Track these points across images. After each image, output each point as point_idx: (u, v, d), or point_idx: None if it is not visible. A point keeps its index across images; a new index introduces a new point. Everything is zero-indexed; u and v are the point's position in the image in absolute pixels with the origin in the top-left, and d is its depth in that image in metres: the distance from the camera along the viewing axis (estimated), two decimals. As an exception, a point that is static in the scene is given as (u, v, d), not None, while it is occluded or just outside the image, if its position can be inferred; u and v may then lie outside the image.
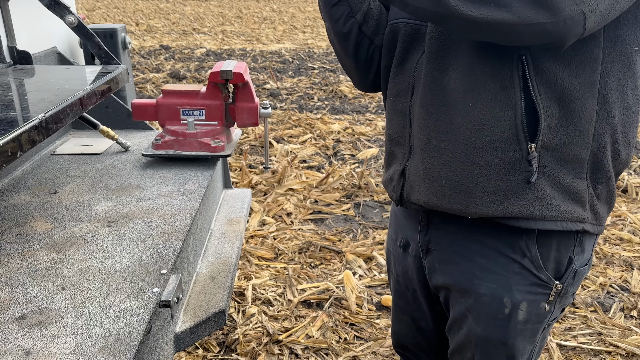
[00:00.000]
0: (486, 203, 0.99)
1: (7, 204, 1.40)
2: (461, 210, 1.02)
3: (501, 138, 0.96)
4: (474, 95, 0.96)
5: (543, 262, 1.03)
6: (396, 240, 1.26)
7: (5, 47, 1.59)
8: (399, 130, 1.10)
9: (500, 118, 0.95)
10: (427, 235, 1.13)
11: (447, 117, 1.00)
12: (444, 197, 1.03)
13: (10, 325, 0.93)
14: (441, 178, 1.02)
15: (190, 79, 6.91)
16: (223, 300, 1.36)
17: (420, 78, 1.03)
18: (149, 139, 1.90)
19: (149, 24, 12.38)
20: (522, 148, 0.95)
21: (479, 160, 0.98)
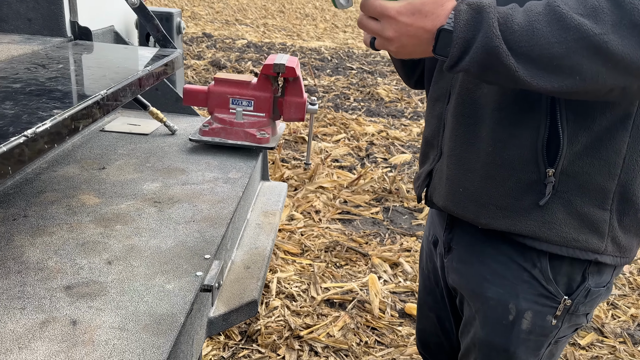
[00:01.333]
0: (497, 217, 1.02)
1: (57, 175, 1.43)
2: (472, 219, 1.06)
3: (521, 158, 0.98)
4: (501, 113, 0.98)
5: (553, 275, 1.03)
6: (429, 236, 1.31)
7: (67, 22, 1.63)
8: (434, 133, 1.15)
9: (522, 138, 0.97)
10: (451, 234, 1.17)
11: (474, 130, 1.03)
12: (459, 204, 1.07)
13: (58, 293, 0.95)
14: (459, 186, 1.06)
15: (230, 68, 6.98)
16: (256, 291, 1.36)
17: (456, 86, 1.06)
18: (194, 124, 1.92)
19: (193, 11, 12.55)
20: (540, 171, 0.96)
21: (496, 176, 1.01)
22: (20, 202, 1.27)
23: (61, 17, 1.61)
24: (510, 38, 0.80)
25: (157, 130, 1.80)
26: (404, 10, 0.85)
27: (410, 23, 0.85)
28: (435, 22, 0.84)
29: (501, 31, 0.80)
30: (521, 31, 0.79)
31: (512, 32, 0.79)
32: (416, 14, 0.84)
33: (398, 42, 0.87)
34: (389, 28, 0.86)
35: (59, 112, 0.93)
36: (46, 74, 1.20)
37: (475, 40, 0.81)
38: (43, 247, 1.09)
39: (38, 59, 1.33)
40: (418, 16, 0.84)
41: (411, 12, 0.84)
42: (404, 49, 0.88)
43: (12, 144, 0.79)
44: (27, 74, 1.18)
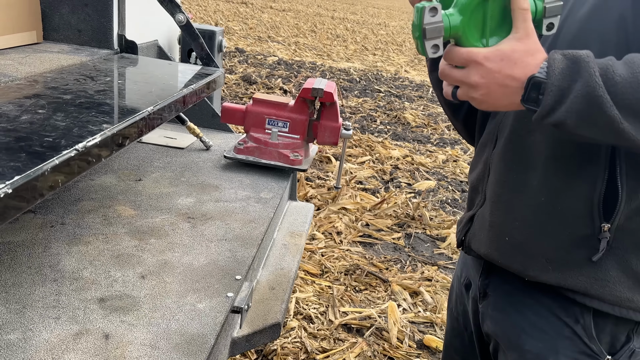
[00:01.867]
0: (545, 270, 0.98)
1: (95, 184, 1.46)
2: (519, 270, 1.02)
3: (575, 210, 0.95)
4: (556, 162, 0.95)
5: (597, 332, 0.99)
6: (460, 277, 1.27)
7: (115, 35, 1.67)
8: (479, 178, 1.12)
9: (577, 190, 0.94)
10: (487, 279, 1.13)
11: (523, 177, 1.00)
12: (504, 253, 1.03)
13: (92, 305, 0.96)
14: (505, 234, 1.03)
15: (260, 84, 7.07)
16: (280, 313, 1.36)
17: (505, 131, 1.04)
18: (228, 140, 1.94)
19: (227, 26, 12.80)
20: (595, 225, 0.93)
21: (547, 227, 0.97)
22: (59, 209, 1.29)
23: (110, 30, 1.66)
24: (612, 90, 0.76)
25: (193, 145, 1.83)
26: (492, 56, 0.81)
27: (498, 70, 0.80)
28: (526, 71, 0.80)
29: (603, 82, 0.77)
30: (624, 83, 0.76)
31: (614, 83, 0.76)
32: (505, 60, 0.80)
33: (484, 88, 0.82)
34: (475, 74, 0.82)
35: (108, 127, 0.95)
36: (94, 86, 1.23)
37: (572, 89, 0.78)
38: (79, 256, 1.11)
39: (87, 71, 1.37)
40: (507, 63, 0.80)
41: (500, 59, 0.80)
42: (489, 97, 0.83)
43: (64, 157, 0.81)
44: (77, 85, 1.21)
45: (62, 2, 1.59)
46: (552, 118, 0.80)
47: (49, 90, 1.14)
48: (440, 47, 0.80)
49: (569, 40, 0.92)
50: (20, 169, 0.74)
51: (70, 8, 1.60)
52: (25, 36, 1.51)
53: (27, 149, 0.81)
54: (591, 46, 0.88)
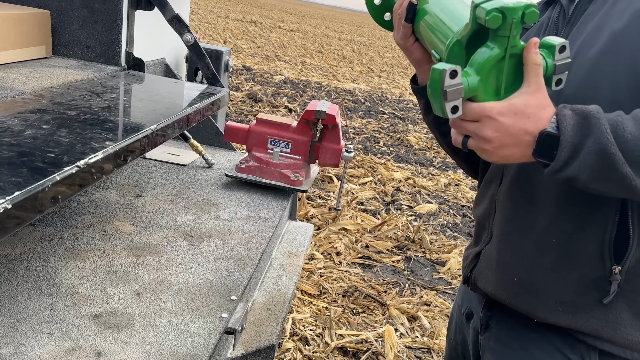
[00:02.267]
0: (555, 311, 0.97)
1: (95, 199, 1.47)
2: (528, 311, 1.01)
3: (586, 252, 0.94)
4: (566, 203, 0.95)
5: None
6: (461, 307, 1.26)
7: (123, 52, 1.70)
8: (485, 214, 1.12)
9: (589, 232, 0.93)
10: (490, 311, 1.12)
11: (532, 216, 0.99)
12: (512, 293, 1.02)
13: (86, 321, 0.96)
14: (513, 274, 1.02)
15: (266, 102, 7.13)
16: (275, 335, 1.35)
17: (511, 168, 1.03)
18: (230, 159, 1.95)
19: (236, 44, 12.95)
20: (606, 268, 0.93)
21: (557, 268, 0.96)
22: (58, 223, 1.30)
23: (118, 47, 1.68)
24: (623, 147, 0.78)
25: (195, 162, 1.84)
26: (505, 111, 0.81)
27: (512, 124, 0.81)
28: (538, 125, 0.81)
29: (614, 138, 0.78)
30: (635, 140, 0.77)
31: (625, 140, 0.77)
32: (518, 114, 0.81)
33: (496, 142, 0.82)
34: (489, 128, 0.82)
35: (111, 144, 0.97)
36: (100, 102, 1.25)
37: (584, 145, 0.79)
38: (76, 271, 1.11)
39: (93, 87, 1.38)
40: (520, 117, 0.81)
41: (513, 113, 0.81)
42: (501, 150, 0.83)
43: (65, 174, 0.82)
44: (82, 101, 1.23)
45: (73, 19, 1.62)
46: (565, 173, 0.81)
47: (54, 105, 1.15)
48: (459, 108, 0.81)
49: (578, 81, 0.92)
50: (21, 184, 0.75)
51: (81, 24, 1.63)
52: (34, 50, 1.54)
53: (29, 164, 0.82)
54: (602, 87, 0.89)
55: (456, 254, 3.76)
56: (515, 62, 0.82)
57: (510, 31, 0.79)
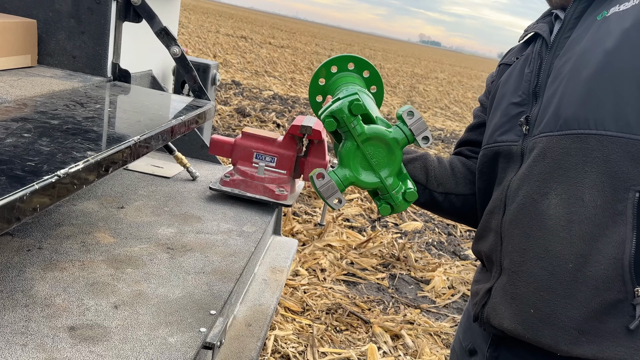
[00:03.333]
0: (579, 342, 0.93)
1: (76, 209, 1.45)
2: (550, 345, 0.95)
3: (605, 276, 0.91)
4: (580, 226, 0.92)
5: None
6: (463, 342, 1.23)
7: (109, 63, 1.70)
8: (491, 248, 1.09)
9: (606, 254, 0.90)
10: (497, 351, 1.09)
11: (543, 243, 0.96)
12: (530, 327, 0.97)
13: (62, 333, 0.94)
14: (530, 307, 0.97)
15: (254, 117, 7.14)
16: (255, 351, 1.33)
17: (515, 197, 1.02)
18: (215, 172, 1.95)
19: (225, 59, 13.00)
20: (628, 290, 0.90)
21: (577, 295, 0.92)
22: (37, 233, 1.28)
23: (104, 58, 1.68)
24: None
25: (179, 175, 1.83)
26: None
27: None
28: None
29: None
30: None
31: None
32: None
33: None
34: None
35: (92, 155, 0.96)
36: (83, 112, 1.24)
37: None
38: (53, 282, 1.09)
39: (77, 97, 1.38)
40: None
41: None
42: None
43: (45, 183, 0.81)
44: (66, 110, 1.22)
45: (60, 28, 1.62)
46: None
47: (37, 114, 1.15)
48: (342, 199, 0.92)
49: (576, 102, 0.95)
50: (-1, 192, 0.74)
51: (67, 34, 1.63)
52: (19, 59, 1.53)
53: (8, 173, 0.81)
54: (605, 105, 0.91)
55: (440, 272, 3.77)
56: (373, 144, 0.91)
57: (348, 125, 0.89)
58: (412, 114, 0.91)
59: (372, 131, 0.90)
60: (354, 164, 0.92)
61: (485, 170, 1.16)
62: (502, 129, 1.12)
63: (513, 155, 1.07)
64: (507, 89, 1.15)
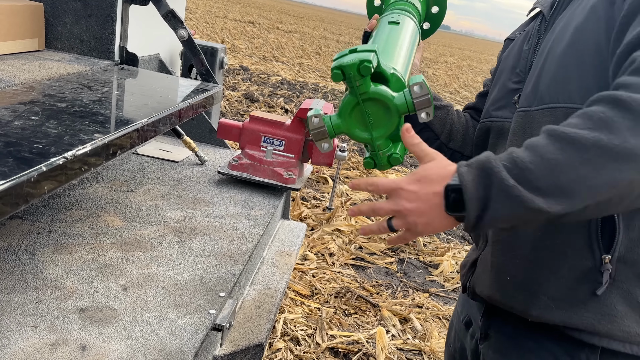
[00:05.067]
0: (549, 308, 0.96)
1: (85, 193, 1.45)
2: (522, 310, 1.00)
3: (574, 244, 0.93)
4: None
5: None
6: (460, 314, 1.25)
7: (116, 46, 1.69)
8: None
9: (575, 224, 0.93)
10: (489, 320, 1.11)
11: None
12: (506, 293, 1.02)
13: (72, 315, 0.95)
14: (506, 274, 1.01)
15: (262, 102, 7.12)
16: (264, 333, 1.34)
17: None
18: (224, 156, 1.94)
19: (233, 44, 12.93)
20: (596, 258, 0.91)
21: (547, 263, 0.96)
22: (47, 216, 1.29)
23: (111, 41, 1.67)
24: (530, 178, 0.76)
25: (188, 159, 1.83)
26: (409, 180, 0.86)
27: (419, 189, 0.84)
28: (443, 184, 0.83)
29: (515, 177, 0.77)
30: (538, 168, 0.76)
31: (529, 171, 0.76)
32: (422, 180, 0.84)
33: (415, 210, 0.84)
34: (401, 199, 0.85)
35: (100, 137, 0.96)
36: (91, 96, 1.24)
37: (490, 197, 0.78)
38: (63, 265, 1.10)
39: (85, 80, 1.37)
40: (424, 182, 0.84)
41: (417, 180, 0.85)
42: (422, 218, 0.84)
43: (52, 165, 0.81)
44: (73, 94, 1.22)
45: (66, 12, 1.61)
46: (482, 225, 0.80)
47: (44, 97, 1.14)
48: (330, 144, 0.97)
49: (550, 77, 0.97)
50: (7, 174, 0.74)
51: (74, 18, 1.62)
52: (27, 43, 1.53)
53: (16, 155, 0.81)
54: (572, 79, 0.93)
55: (449, 257, 3.76)
56: (374, 103, 0.91)
57: (353, 82, 0.88)
58: (420, 88, 0.90)
59: (375, 92, 0.90)
60: (351, 117, 0.93)
61: (480, 144, 1.18)
62: (498, 104, 1.13)
63: (504, 132, 1.08)
64: (506, 65, 1.15)
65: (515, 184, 0.76)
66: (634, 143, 0.73)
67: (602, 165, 0.74)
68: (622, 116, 0.74)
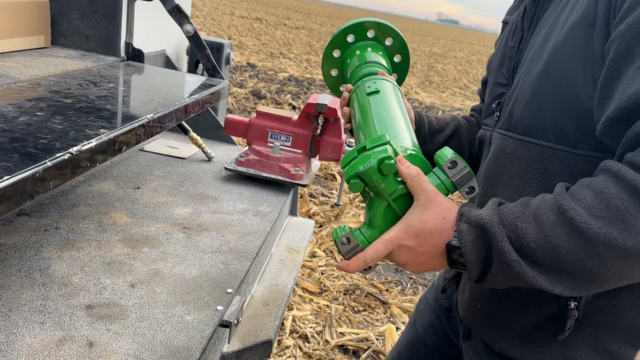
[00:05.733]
0: (514, 344, 0.94)
1: (92, 190, 1.45)
2: (489, 341, 0.99)
3: None
4: None
5: None
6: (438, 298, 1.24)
7: (122, 43, 1.68)
8: None
9: None
10: None
11: None
12: (477, 321, 1.01)
13: (79, 312, 0.95)
14: (478, 302, 1.00)
15: (269, 99, 7.11)
16: (272, 330, 1.33)
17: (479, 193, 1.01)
18: (230, 152, 1.94)
19: (240, 41, 12.93)
20: (561, 303, 0.87)
21: (515, 301, 0.93)
22: (54, 213, 1.28)
23: (117, 38, 1.66)
24: (532, 255, 0.71)
25: (195, 155, 1.82)
26: (405, 236, 0.78)
27: (417, 245, 0.78)
28: (443, 237, 0.77)
29: (517, 250, 0.71)
30: (540, 249, 0.70)
31: (531, 250, 0.71)
32: (420, 234, 0.78)
33: (413, 263, 0.80)
34: (399, 255, 0.80)
35: (105, 132, 0.95)
36: (97, 91, 1.23)
37: (490, 262, 0.74)
38: (70, 261, 1.09)
39: (90, 76, 1.37)
40: (422, 236, 0.78)
41: (415, 234, 0.78)
42: (423, 267, 0.81)
43: (57, 160, 0.80)
44: (79, 90, 1.21)
45: (72, 8, 1.61)
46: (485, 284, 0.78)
47: (50, 93, 1.14)
48: None
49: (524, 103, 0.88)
50: (11, 169, 0.73)
51: (80, 14, 1.61)
52: (33, 40, 1.52)
53: (21, 150, 0.81)
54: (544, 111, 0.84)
55: (459, 253, 3.73)
56: (406, 198, 0.80)
57: (378, 186, 0.78)
58: (455, 164, 0.79)
59: (404, 189, 0.80)
60: (384, 221, 0.81)
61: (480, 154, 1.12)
62: (487, 110, 1.05)
63: (486, 143, 1.03)
64: (495, 63, 1.07)
65: (517, 259, 0.71)
66: None
67: (612, 262, 0.68)
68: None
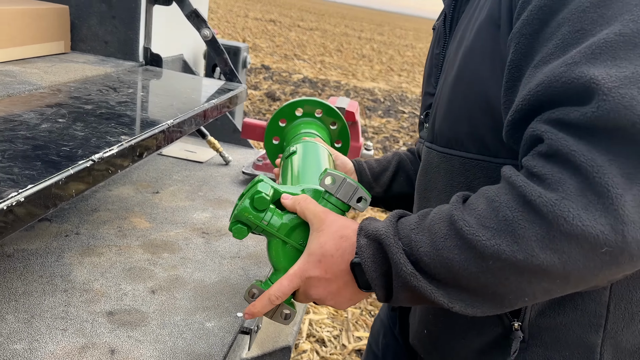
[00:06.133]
0: None
1: (112, 195, 1.46)
2: None
3: None
4: None
5: None
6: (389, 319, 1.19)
7: (141, 47, 1.69)
8: None
9: None
10: None
11: None
12: (424, 346, 0.95)
13: (100, 318, 0.95)
14: (424, 326, 0.94)
15: (284, 101, 7.12)
16: (291, 336, 1.32)
17: None
18: (247, 156, 1.93)
19: (255, 43, 12.99)
20: (505, 324, 0.81)
21: (458, 326, 0.87)
22: (74, 218, 1.29)
23: (136, 43, 1.67)
24: (427, 270, 0.67)
25: (212, 159, 1.82)
26: (308, 266, 0.74)
27: (324, 272, 0.73)
28: (346, 258, 0.72)
29: (413, 264, 0.67)
30: (434, 263, 0.66)
31: (425, 264, 0.67)
32: (322, 260, 0.73)
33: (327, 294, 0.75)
34: (310, 288, 0.75)
35: (126, 139, 0.95)
36: (116, 97, 1.23)
37: (391, 281, 0.70)
38: (91, 267, 1.10)
39: (110, 82, 1.37)
40: (325, 261, 0.73)
41: (317, 261, 0.73)
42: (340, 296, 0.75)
43: (80, 167, 0.80)
44: (99, 96, 1.22)
45: (91, 14, 1.62)
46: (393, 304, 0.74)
47: (71, 99, 1.14)
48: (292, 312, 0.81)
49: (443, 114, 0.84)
50: (35, 177, 0.74)
51: (99, 20, 1.62)
52: (53, 46, 1.54)
53: (44, 158, 0.81)
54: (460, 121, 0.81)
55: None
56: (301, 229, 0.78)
57: (260, 224, 0.76)
58: (333, 180, 0.76)
59: (293, 220, 0.77)
60: (287, 261, 0.78)
61: None
62: (420, 123, 1.01)
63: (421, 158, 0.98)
64: (425, 72, 1.01)
65: (413, 271, 0.67)
66: (544, 259, 0.58)
67: (506, 277, 0.62)
68: (531, 221, 0.58)
